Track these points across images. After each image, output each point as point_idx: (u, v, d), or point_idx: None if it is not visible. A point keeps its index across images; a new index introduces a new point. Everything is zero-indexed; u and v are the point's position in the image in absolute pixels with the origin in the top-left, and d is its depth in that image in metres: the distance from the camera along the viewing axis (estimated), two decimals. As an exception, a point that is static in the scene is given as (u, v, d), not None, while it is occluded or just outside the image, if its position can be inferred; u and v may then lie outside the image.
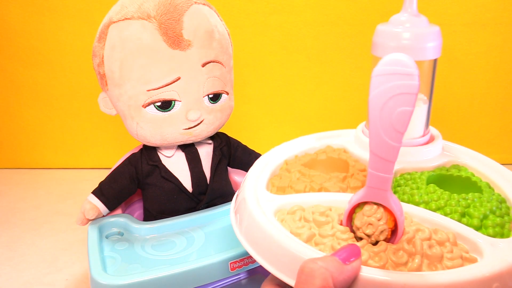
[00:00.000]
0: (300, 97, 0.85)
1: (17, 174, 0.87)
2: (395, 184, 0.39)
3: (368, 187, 0.31)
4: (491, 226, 0.33)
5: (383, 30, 0.40)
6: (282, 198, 0.37)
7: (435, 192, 0.36)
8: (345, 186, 0.39)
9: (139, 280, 0.43)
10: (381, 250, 0.31)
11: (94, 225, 0.51)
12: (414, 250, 0.31)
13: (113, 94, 0.52)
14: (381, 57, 0.39)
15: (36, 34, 0.79)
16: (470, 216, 0.34)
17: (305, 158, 0.44)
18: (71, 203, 0.77)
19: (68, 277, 0.60)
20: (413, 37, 0.39)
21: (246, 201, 0.37)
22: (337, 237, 0.32)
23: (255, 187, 0.39)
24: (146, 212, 0.56)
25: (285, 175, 0.41)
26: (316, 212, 0.35)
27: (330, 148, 0.46)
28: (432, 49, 0.39)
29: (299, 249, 0.31)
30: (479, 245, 0.31)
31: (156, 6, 0.49)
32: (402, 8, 0.40)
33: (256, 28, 0.79)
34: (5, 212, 0.75)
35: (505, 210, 0.35)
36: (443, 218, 0.34)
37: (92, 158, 0.89)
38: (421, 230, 0.32)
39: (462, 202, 0.35)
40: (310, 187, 0.39)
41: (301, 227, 0.34)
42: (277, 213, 0.36)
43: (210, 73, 0.52)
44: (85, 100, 0.83)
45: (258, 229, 0.34)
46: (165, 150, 0.54)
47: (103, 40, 0.50)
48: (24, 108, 0.85)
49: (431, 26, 0.40)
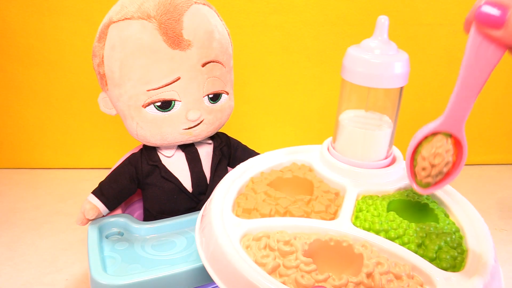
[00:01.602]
0: (300, 97, 0.85)
1: (17, 174, 0.87)
2: (357, 208, 0.40)
3: (447, 116, 0.33)
4: (445, 259, 0.35)
5: (352, 54, 0.40)
6: (248, 223, 0.38)
7: (394, 221, 0.38)
8: (309, 210, 0.40)
9: (139, 280, 0.43)
10: (343, 285, 0.32)
11: (94, 225, 0.51)
12: (373, 284, 0.32)
13: (113, 94, 0.52)
14: (349, 81, 0.40)
15: (36, 34, 0.79)
16: (426, 247, 0.36)
17: (270, 176, 0.44)
18: (71, 203, 0.77)
19: (68, 277, 0.60)
20: (382, 65, 0.39)
21: (212, 226, 0.37)
22: (300, 269, 0.33)
23: (221, 209, 0.39)
24: (146, 212, 0.56)
25: (251, 195, 0.42)
26: (281, 241, 0.36)
27: (296, 165, 0.46)
28: (399, 77, 0.40)
29: (263, 283, 0.31)
30: (433, 279, 0.33)
31: (156, 6, 0.49)
32: (373, 34, 0.41)
33: (256, 28, 0.79)
34: (5, 212, 0.75)
35: (458, 240, 0.37)
36: (401, 249, 0.35)
37: (92, 158, 0.89)
38: (380, 263, 0.34)
39: (419, 231, 0.37)
40: (275, 211, 0.40)
41: (266, 256, 0.34)
42: (242, 239, 0.37)
43: (210, 73, 0.52)
44: (85, 100, 0.83)
45: (224, 259, 0.34)
46: (165, 150, 0.54)
47: (103, 40, 0.50)
48: (24, 108, 0.85)
49: (399, 54, 0.40)
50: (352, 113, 0.45)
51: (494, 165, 0.90)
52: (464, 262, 0.35)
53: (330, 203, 0.41)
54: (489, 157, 0.90)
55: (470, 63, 0.30)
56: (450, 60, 0.81)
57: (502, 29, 0.26)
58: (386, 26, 0.40)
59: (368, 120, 0.44)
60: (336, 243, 0.36)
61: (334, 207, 0.40)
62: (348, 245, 0.35)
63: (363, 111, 0.44)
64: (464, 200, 0.42)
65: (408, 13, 0.78)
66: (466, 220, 0.40)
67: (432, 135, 0.35)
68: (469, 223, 0.39)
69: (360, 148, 0.43)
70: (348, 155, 0.44)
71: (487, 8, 0.26)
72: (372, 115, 0.44)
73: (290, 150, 0.49)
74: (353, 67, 0.40)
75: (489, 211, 0.75)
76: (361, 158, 0.43)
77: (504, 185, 0.83)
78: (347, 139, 0.43)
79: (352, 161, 0.43)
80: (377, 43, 0.40)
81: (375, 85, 0.40)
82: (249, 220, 0.38)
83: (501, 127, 0.87)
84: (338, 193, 0.42)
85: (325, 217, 0.39)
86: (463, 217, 0.40)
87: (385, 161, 0.44)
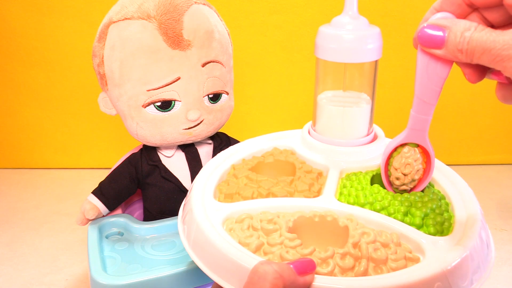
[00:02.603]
0: (300, 97, 0.85)
1: (17, 174, 0.87)
2: (341, 185, 0.40)
3: (410, 129, 0.35)
4: (432, 224, 0.35)
5: (324, 32, 0.40)
6: (229, 207, 0.37)
7: (379, 193, 0.38)
8: (292, 190, 0.40)
9: (139, 280, 0.43)
10: (328, 256, 0.32)
11: (94, 225, 0.51)
12: (360, 254, 0.32)
13: (113, 94, 0.52)
14: (323, 59, 0.40)
15: (36, 34, 0.79)
16: (412, 215, 0.36)
17: (252, 162, 0.44)
18: (71, 203, 0.77)
19: (68, 277, 0.60)
20: (354, 39, 0.39)
21: (193, 212, 0.37)
22: (285, 245, 0.33)
23: (202, 196, 0.39)
24: (146, 212, 0.56)
25: (232, 181, 0.42)
26: (264, 220, 0.35)
27: (277, 150, 0.46)
28: (372, 51, 0.40)
29: (248, 261, 0.31)
30: (421, 245, 0.33)
31: (156, 6, 0.49)
32: (343, 10, 0.41)
33: (256, 28, 0.79)
34: (5, 212, 0.75)
35: (445, 206, 0.37)
36: (387, 219, 0.36)
37: (92, 158, 0.89)
38: (366, 233, 0.34)
39: (404, 201, 0.37)
40: (258, 193, 0.39)
41: (249, 236, 0.34)
42: (225, 222, 0.36)
43: (210, 73, 0.52)
44: (85, 100, 0.83)
45: (206, 242, 0.34)
46: (165, 150, 0.54)
47: (103, 40, 0.50)
48: (24, 108, 0.85)
49: (371, 28, 0.40)
50: (330, 94, 0.45)
51: (494, 165, 0.90)
52: (451, 227, 0.35)
53: (313, 181, 0.40)
54: (489, 157, 0.90)
55: (423, 79, 0.32)
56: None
57: (443, 48, 0.29)
58: (355, 1, 0.40)
59: (346, 99, 0.44)
60: (321, 218, 0.35)
61: (317, 185, 0.40)
62: (333, 219, 0.35)
63: (341, 91, 0.44)
64: (448, 169, 0.42)
65: (408, 13, 0.78)
66: (451, 187, 0.40)
67: (401, 146, 0.37)
68: (455, 190, 0.39)
69: (339, 126, 0.43)
70: (329, 135, 0.43)
71: (428, 30, 0.29)
72: (350, 94, 0.44)
73: (271, 136, 0.48)
74: (326, 44, 0.40)
75: (489, 211, 0.75)
76: (341, 137, 0.43)
77: (504, 185, 0.83)
78: (326, 118, 0.43)
79: (333, 140, 0.43)
80: (348, 19, 0.40)
81: (349, 60, 0.40)
82: (231, 203, 0.38)
83: (501, 127, 0.87)
84: (321, 173, 0.42)
85: (308, 196, 0.39)
86: (448, 185, 0.40)
87: (366, 138, 0.43)
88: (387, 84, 0.83)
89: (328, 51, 0.40)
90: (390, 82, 0.83)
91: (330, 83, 0.44)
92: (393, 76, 0.82)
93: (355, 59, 0.40)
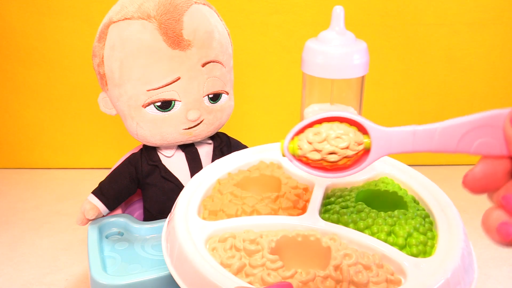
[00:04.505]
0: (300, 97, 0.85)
1: (17, 174, 0.87)
2: (326, 201, 0.40)
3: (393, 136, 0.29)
4: (415, 245, 0.35)
5: (311, 47, 0.40)
6: (213, 225, 0.37)
7: (363, 211, 0.38)
8: (277, 207, 0.39)
9: (139, 280, 0.43)
10: (309, 279, 0.32)
11: (94, 225, 0.51)
12: (341, 277, 0.32)
13: (113, 94, 0.52)
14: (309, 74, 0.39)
15: (36, 34, 0.79)
16: (395, 235, 0.36)
17: (238, 177, 0.44)
18: (71, 203, 0.77)
19: (68, 277, 0.60)
20: (340, 56, 0.39)
21: (176, 231, 0.37)
22: (267, 267, 0.33)
23: (185, 213, 0.39)
24: (146, 212, 0.56)
25: (217, 196, 0.41)
26: (247, 240, 0.35)
27: (263, 163, 0.46)
28: (359, 67, 0.39)
29: (227, 284, 0.31)
30: (403, 267, 0.33)
31: (156, 6, 0.49)
32: (330, 25, 0.40)
33: (256, 28, 0.79)
34: (5, 212, 0.75)
35: (428, 226, 0.37)
36: (370, 239, 0.35)
37: (92, 158, 0.89)
38: (348, 255, 0.33)
39: (388, 220, 0.37)
40: (242, 210, 0.39)
41: (232, 257, 0.34)
42: (208, 241, 0.36)
43: (210, 73, 0.52)
44: (85, 100, 0.83)
45: (187, 262, 0.34)
46: (165, 150, 0.54)
47: (103, 40, 0.50)
48: (24, 108, 0.85)
49: (358, 43, 0.40)
50: (317, 107, 0.44)
51: (494, 165, 0.90)
52: (434, 247, 0.35)
53: (298, 198, 0.40)
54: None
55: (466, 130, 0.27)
56: (449, 60, 0.81)
57: None
58: (342, 16, 0.40)
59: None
60: (304, 238, 0.35)
61: (302, 202, 0.40)
62: (316, 239, 0.35)
63: (328, 104, 0.44)
64: (434, 186, 0.42)
65: (408, 13, 0.78)
66: (436, 205, 0.39)
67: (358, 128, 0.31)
68: (439, 209, 0.39)
69: None
70: None
71: None
72: (338, 108, 0.44)
73: (257, 149, 0.48)
74: (313, 59, 0.40)
75: (489, 211, 0.74)
76: None
77: (504, 185, 0.83)
78: None
79: None
80: (334, 34, 0.40)
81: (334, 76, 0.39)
82: (215, 222, 0.38)
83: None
84: (307, 188, 0.42)
85: (293, 213, 0.39)
86: (433, 203, 0.40)
87: None
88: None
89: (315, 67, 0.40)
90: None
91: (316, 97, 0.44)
92: (392, 76, 0.82)
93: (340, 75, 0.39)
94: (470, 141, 0.27)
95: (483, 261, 0.63)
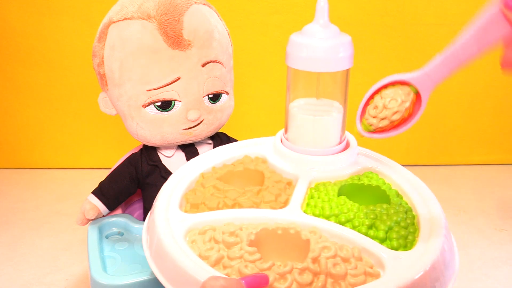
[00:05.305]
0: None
1: (17, 174, 0.87)
2: (309, 195, 0.40)
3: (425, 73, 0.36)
4: (395, 238, 0.35)
5: (295, 41, 0.40)
6: (193, 217, 0.37)
7: (345, 204, 0.38)
8: (259, 201, 0.39)
9: (139, 280, 0.43)
10: (286, 272, 0.31)
11: (94, 225, 0.51)
12: (319, 269, 0.32)
13: (113, 94, 0.52)
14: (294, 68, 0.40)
15: (36, 34, 0.79)
16: (376, 228, 0.36)
17: (221, 171, 0.44)
18: (71, 203, 0.77)
19: (68, 277, 0.60)
20: (325, 49, 0.39)
21: (155, 223, 0.37)
22: (244, 259, 0.33)
23: (166, 206, 0.39)
24: (146, 212, 0.56)
25: (199, 190, 0.41)
26: (226, 232, 0.35)
27: (248, 158, 0.46)
28: (343, 60, 0.39)
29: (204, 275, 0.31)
30: (382, 260, 0.33)
31: (156, 6, 0.49)
32: (314, 18, 0.40)
33: (256, 28, 0.79)
34: (5, 212, 0.75)
35: (410, 220, 0.37)
36: (350, 232, 0.35)
37: (92, 158, 0.89)
38: (327, 247, 0.33)
39: (369, 214, 0.37)
40: (223, 203, 0.39)
41: (210, 249, 0.34)
42: (188, 234, 0.36)
43: (210, 73, 0.52)
44: (85, 100, 0.83)
45: (165, 254, 0.34)
46: (165, 150, 0.54)
47: (103, 40, 0.50)
48: (24, 108, 0.85)
49: (342, 37, 0.40)
50: (303, 101, 0.44)
51: (494, 165, 0.90)
52: (415, 241, 0.35)
53: (281, 192, 0.40)
54: (489, 157, 0.90)
55: (477, 31, 0.33)
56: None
57: None
58: (326, 9, 0.40)
59: (318, 107, 0.43)
60: (284, 231, 0.35)
61: (284, 196, 0.40)
62: (296, 232, 0.35)
63: (314, 99, 0.44)
64: (417, 180, 0.42)
65: (408, 13, 0.78)
66: (419, 199, 0.39)
67: (400, 84, 0.37)
68: (422, 203, 0.39)
69: (311, 135, 0.42)
70: (300, 143, 0.43)
71: None
72: (323, 102, 0.44)
73: (243, 143, 0.48)
74: (297, 53, 0.40)
75: (489, 211, 0.75)
76: (313, 146, 0.43)
77: (504, 185, 0.83)
78: (297, 127, 0.43)
79: (304, 149, 0.43)
80: (318, 27, 0.40)
81: (319, 70, 0.39)
82: (195, 214, 0.38)
83: (501, 127, 0.87)
84: (290, 182, 0.42)
85: (275, 207, 0.39)
86: (416, 197, 0.40)
87: (338, 147, 0.43)
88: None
89: (299, 59, 0.40)
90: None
91: (302, 91, 0.44)
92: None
93: (326, 69, 0.39)
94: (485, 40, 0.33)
95: (483, 261, 0.63)
